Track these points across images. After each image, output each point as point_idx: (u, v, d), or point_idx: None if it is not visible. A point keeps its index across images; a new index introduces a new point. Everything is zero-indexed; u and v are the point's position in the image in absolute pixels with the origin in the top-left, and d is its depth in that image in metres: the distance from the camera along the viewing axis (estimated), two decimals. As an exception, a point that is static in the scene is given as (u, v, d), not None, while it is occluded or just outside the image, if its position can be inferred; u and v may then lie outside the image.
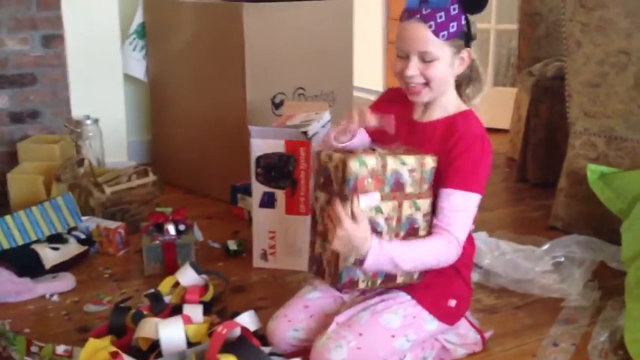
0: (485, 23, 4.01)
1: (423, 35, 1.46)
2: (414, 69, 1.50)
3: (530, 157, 3.04)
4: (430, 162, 1.49)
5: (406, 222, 1.50)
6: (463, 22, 1.48)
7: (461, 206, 1.49)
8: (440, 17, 1.45)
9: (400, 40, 1.51)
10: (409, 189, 1.49)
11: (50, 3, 2.80)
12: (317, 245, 1.52)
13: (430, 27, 1.45)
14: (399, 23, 1.52)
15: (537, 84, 3.01)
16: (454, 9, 1.46)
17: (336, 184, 1.43)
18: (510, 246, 2.22)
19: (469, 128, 1.53)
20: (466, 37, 1.50)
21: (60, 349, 1.61)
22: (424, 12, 1.46)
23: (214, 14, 2.74)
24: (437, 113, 1.58)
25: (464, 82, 1.61)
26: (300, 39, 2.78)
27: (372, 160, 1.43)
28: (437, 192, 1.51)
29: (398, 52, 1.53)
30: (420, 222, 1.52)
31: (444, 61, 1.49)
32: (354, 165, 1.40)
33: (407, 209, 1.49)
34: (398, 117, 1.62)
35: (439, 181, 1.51)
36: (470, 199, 1.50)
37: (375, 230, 1.45)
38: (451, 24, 1.46)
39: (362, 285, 1.50)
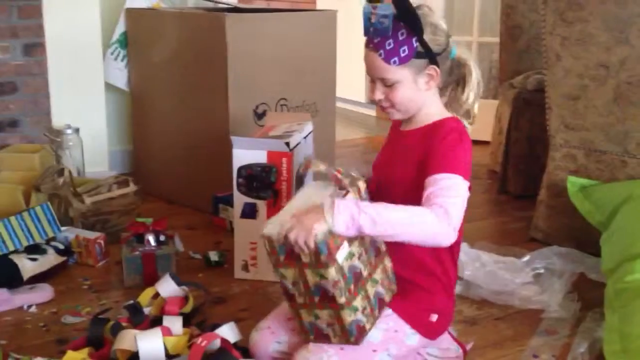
0: (467, 36, 4.05)
1: (376, 63, 1.50)
2: (378, 93, 1.54)
3: (511, 169, 3.06)
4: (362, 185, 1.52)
5: (371, 248, 1.50)
6: (415, 44, 1.48)
7: (448, 188, 1.43)
8: (389, 44, 1.47)
9: (365, 66, 1.56)
10: None
11: (32, 11, 2.78)
12: (305, 315, 1.47)
13: (380, 55, 1.48)
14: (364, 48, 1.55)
15: (518, 97, 3.03)
16: (402, 34, 1.47)
17: (306, 257, 1.37)
18: (491, 257, 2.23)
19: (445, 123, 1.55)
20: (428, 56, 1.50)
21: (37, 361, 1.60)
22: (374, 41, 1.49)
23: (197, 23, 2.74)
24: (419, 123, 1.60)
25: (451, 87, 1.63)
26: (284, 49, 2.78)
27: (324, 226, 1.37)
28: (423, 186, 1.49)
29: (368, 75, 1.56)
30: (380, 241, 1.52)
31: (405, 84, 1.51)
32: (320, 233, 1.34)
33: (367, 238, 1.48)
34: (392, 132, 1.70)
35: (423, 175, 1.50)
36: (455, 180, 1.44)
37: (357, 272, 1.44)
38: (401, 49, 1.47)
39: (369, 327, 1.47)
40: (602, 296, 1.91)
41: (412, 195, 1.52)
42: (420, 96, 1.55)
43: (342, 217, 1.36)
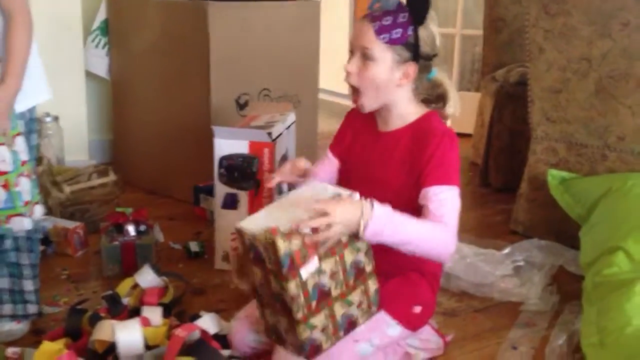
0: (450, 28, 4.05)
1: (366, 32, 1.49)
2: (353, 66, 1.52)
3: (492, 162, 3.07)
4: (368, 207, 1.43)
5: (352, 269, 1.44)
6: (409, 33, 1.48)
7: (447, 200, 1.48)
8: (387, 20, 1.48)
9: (351, 35, 1.55)
10: (344, 239, 1.42)
11: (11, -3, 2.73)
12: (269, 317, 1.46)
13: (374, 26, 1.48)
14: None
15: (500, 90, 3.04)
16: (403, 17, 1.48)
17: (270, 263, 1.34)
18: (471, 250, 2.24)
19: (434, 127, 1.55)
20: (414, 52, 1.50)
21: (10, 351, 1.58)
22: (374, 13, 1.50)
23: (179, 12, 2.71)
24: (398, 123, 1.59)
25: (438, 102, 1.63)
26: (267, 39, 2.76)
27: (297, 241, 1.32)
28: (417, 194, 1.50)
29: (350, 48, 1.55)
30: (364, 259, 1.46)
31: (382, 65, 1.50)
32: (283, 245, 1.30)
33: (349, 257, 1.43)
34: (363, 131, 1.65)
35: (418, 183, 1.51)
36: (453, 192, 1.50)
37: (324, 290, 1.39)
38: (395, 30, 1.48)
39: (326, 346, 1.43)
40: (580, 289, 1.92)
41: (401, 195, 1.53)
42: (390, 90, 1.53)
43: (374, 225, 1.37)
